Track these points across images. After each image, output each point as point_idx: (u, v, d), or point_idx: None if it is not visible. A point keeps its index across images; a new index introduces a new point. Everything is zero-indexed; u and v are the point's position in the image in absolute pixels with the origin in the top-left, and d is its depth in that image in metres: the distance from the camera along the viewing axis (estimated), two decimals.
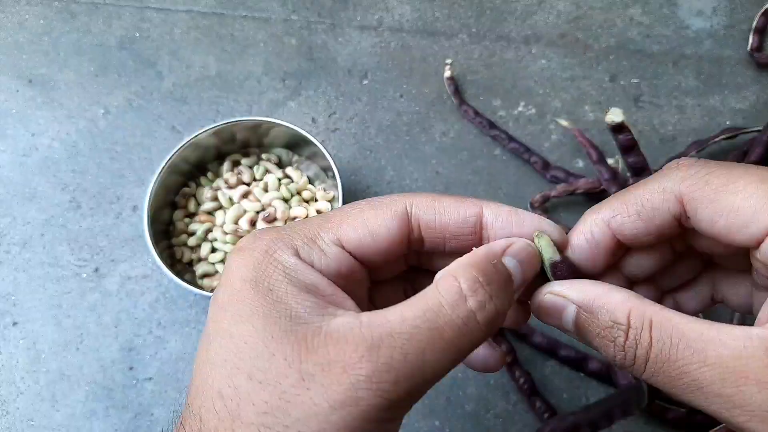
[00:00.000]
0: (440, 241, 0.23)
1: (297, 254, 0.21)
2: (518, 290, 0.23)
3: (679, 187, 0.22)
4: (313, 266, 0.21)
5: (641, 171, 0.44)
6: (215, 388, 0.19)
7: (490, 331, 0.20)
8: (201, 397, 0.20)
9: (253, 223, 0.47)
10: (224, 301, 0.21)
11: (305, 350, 0.19)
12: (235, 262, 0.22)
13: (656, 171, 0.48)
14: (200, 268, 0.46)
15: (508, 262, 0.22)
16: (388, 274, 0.25)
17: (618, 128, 0.41)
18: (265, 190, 0.48)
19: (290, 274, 0.21)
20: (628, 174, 0.45)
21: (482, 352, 0.25)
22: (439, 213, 0.23)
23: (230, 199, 0.48)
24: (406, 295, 0.23)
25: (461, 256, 0.22)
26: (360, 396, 0.18)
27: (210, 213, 0.48)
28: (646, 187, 0.23)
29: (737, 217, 0.21)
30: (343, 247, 0.22)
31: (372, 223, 0.22)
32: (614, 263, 0.25)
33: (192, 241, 0.47)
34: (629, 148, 0.42)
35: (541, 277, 0.24)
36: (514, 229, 0.23)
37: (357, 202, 0.23)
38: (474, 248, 0.22)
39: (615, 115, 0.40)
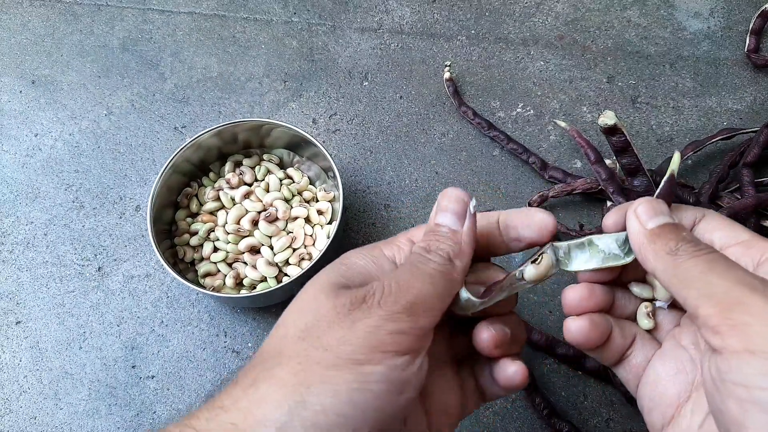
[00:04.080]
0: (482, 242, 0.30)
1: (382, 250, 0.29)
2: (452, 220, 0.29)
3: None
4: (394, 259, 0.29)
5: (635, 172, 0.44)
6: (277, 325, 0.27)
7: (443, 266, 0.27)
8: (268, 337, 0.27)
9: (254, 223, 0.47)
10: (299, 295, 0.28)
11: (343, 291, 0.26)
12: (311, 282, 0.28)
13: (651, 171, 0.48)
14: (202, 268, 0.47)
15: (439, 218, 0.29)
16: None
17: (611, 130, 0.42)
18: (267, 190, 0.49)
19: (368, 259, 0.28)
20: (623, 175, 0.45)
21: (509, 369, 0.30)
22: (481, 219, 0.30)
23: (232, 199, 0.48)
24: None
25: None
26: (372, 311, 0.25)
27: (212, 213, 0.48)
28: None
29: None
30: (413, 242, 0.29)
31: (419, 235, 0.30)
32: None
33: (194, 241, 0.47)
34: (622, 149, 0.43)
35: None
36: (522, 235, 0.30)
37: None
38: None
39: (608, 118, 0.41)
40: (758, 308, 0.21)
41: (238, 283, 0.46)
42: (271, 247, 0.47)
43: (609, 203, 0.46)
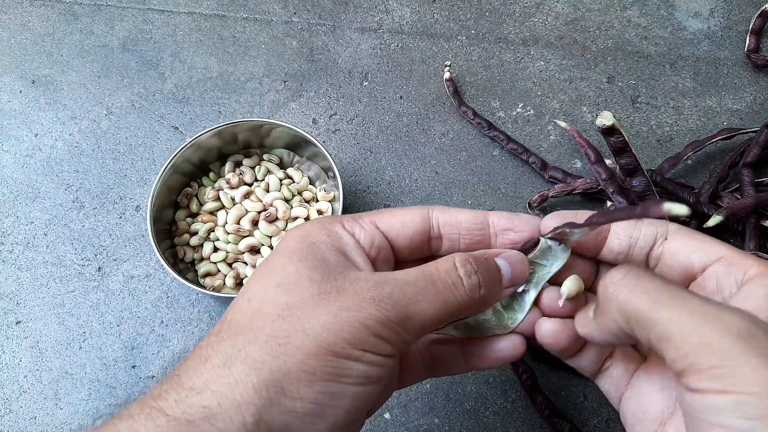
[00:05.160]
0: (456, 236, 0.29)
1: (342, 225, 0.28)
2: (508, 285, 0.28)
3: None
4: (353, 236, 0.28)
5: (634, 172, 0.44)
6: (246, 295, 0.25)
7: (473, 298, 0.26)
8: (234, 305, 0.25)
9: (254, 223, 0.47)
10: (276, 251, 0.27)
11: (326, 278, 0.25)
12: (293, 230, 0.28)
13: (651, 171, 0.48)
14: (202, 268, 0.47)
15: (499, 261, 0.28)
16: (411, 258, 0.30)
17: (609, 131, 0.42)
18: (267, 190, 0.49)
19: (332, 236, 0.27)
20: (622, 175, 0.45)
21: (506, 344, 0.30)
22: (454, 213, 0.29)
23: (232, 199, 0.48)
24: None
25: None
26: (364, 306, 0.24)
27: (212, 213, 0.48)
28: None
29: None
30: (377, 228, 0.28)
31: (401, 216, 0.29)
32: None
33: (194, 241, 0.47)
34: (621, 150, 0.43)
35: None
36: (513, 224, 0.29)
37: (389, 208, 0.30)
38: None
39: (605, 119, 0.41)
40: (722, 347, 0.20)
41: (238, 283, 0.46)
42: (272, 247, 0.47)
43: (609, 203, 0.46)
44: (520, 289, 0.29)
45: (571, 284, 0.28)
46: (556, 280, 0.29)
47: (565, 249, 0.28)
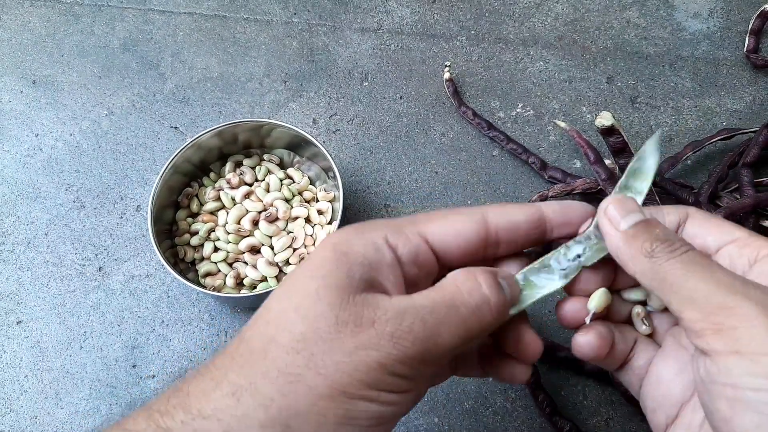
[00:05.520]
0: (514, 241, 0.28)
1: (386, 238, 0.25)
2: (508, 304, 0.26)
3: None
4: (395, 251, 0.25)
5: None
6: (265, 316, 0.24)
7: (498, 318, 0.25)
8: (253, 323, 0.24)
9: (255, 223, 0.47)
10: (309, 259, 0.25)
11: (346, 303, 0.23)
12: (332, 234, 0.26)
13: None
14: (203, 267, 0.47)
15: (501, 281, 0.26)
16: (460, 266, 0.28)
17: (608, 131, 0.42)
18: (267, 190, 0.49)
19: (369, 249, 0.25)
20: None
21: (513, 370, 0.29)
22: (510, 214, 0.27)
23: (232, 199, 0.48)
24: None
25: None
26: (382, 344, 0.22)
27: (212, 213, 0.48)
28: None
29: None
30: (426, 240, 0.26)
31: (455, 223, 0.27)
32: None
33: (195, 241, 0.47)
34: (620, 150, 0.43)
35: None
36: (569, 218, 0.28)
37: (439, 210, 0.28)
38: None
39: (604, 119, 0.41)
40: (742, 310, 0.22)
41: (239, 283, 0.47)
42: (272, 247, 0.47)
43: None
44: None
45: (599, 299, 0.28)
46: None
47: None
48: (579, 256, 0.28)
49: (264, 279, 0.46)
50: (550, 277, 0.28)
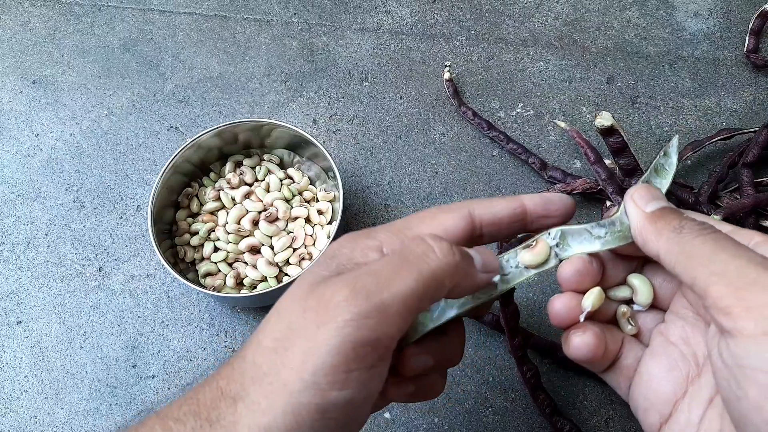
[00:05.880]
0: (497, 231, 0.28)
1: (380, 248, 0.26)
2: (482, 270, 0.27)
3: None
4: (382, 253, 0.26)
5: (632, 172, 0.44)
6: (259, 327, 0.25)
7: (448, 263, 0.25)
8: (261, 328, 0.25)
9: (255, 223, 0.47)
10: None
11: (312, 289, 0.24)
12: (335, 241, 0.27)
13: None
14: (203, 267, 0.47)
15: (471, 251, 0.27)
16: None
17: (608, 131, 0.42)
18: (267, 190, 0.49)
19: (357, 249, 0.25)
20: (621, 175, 0.46)
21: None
22: (493, 207, 0.28)
23: (232, 199, 0.48)
24: None
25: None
26: (339, 312, 0.22)
27: (212, 213, 0.48)
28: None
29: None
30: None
31: (446, 223, 0.27)
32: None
33: (194, 241, 0.47)
34: (619, 150, 0.43)
35: None
36: (548, 210, 0.28)
37: (428, 209, 0.28)
38: None
39: (604, 119, 0.41)
40: None
41: (239, 283, 0.47)
42: (272, 247, 0.47)
43: (608, 203, 0.47)
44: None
45: (594, 299, 0.28)
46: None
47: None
48: (600, 237, 0.28)
49: (264, 279, 0.46)
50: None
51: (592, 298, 0.28)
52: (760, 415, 0.20)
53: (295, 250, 0.47)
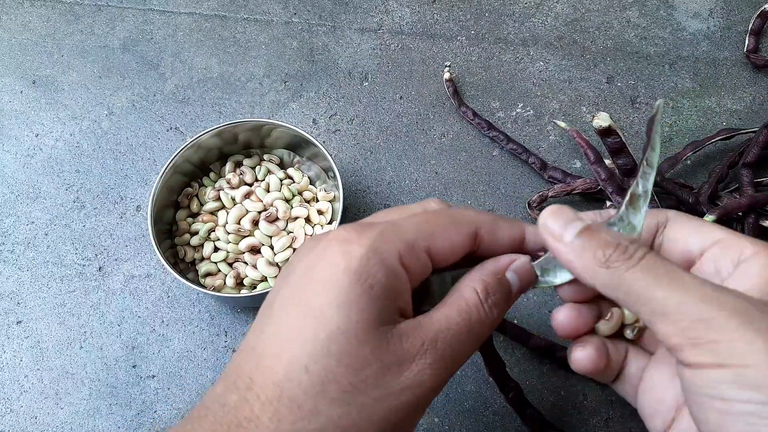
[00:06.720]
0: (490, 254, 0.28)
1: (401, 259, 0.25)
2: (516, 295, 0.28)
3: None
4: (409, 270, 0.25)
5: (631, 172, 0.44)
6: (302, 362, 0.22)
7: (498, 322, 0.27)
8: (281, 360, 0.22)
9: (255, 223, 0.47)
10: (320, 281, 0.23)
11: (386, 344, 0.23)
12: (340, 250, 0.24)
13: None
14: (203, 267, 0.47)
15: (509, 275, 0.27)
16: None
17: (606, 132, 0.42)
18: (267, 190, 0.49)
19: (390, 277, 0.24)
20: (620, 175, 0.46)
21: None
22: (500, 232, 0.28)
23: (232, 199, 0.48)
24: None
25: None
26: (423, 380, 0.23)
27: (212, 213, 0.48)
28: None
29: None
30: (430, 255, 0.26)
31: (454, 240, 0.27)
32: None
33: (195, 241, 0.47)
34: (618, 150, 0.43)
35: None
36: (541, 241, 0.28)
37: (438, 213, 0.28)
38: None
39: (602, 120, 0.41)
40: (720, 323, 0.21)
41: (239, 283, 0.47)
42: (272, 247, 0.47)
43: (608, 203, 0.47)
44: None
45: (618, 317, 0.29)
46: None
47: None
48: None
49: (264, 279, 0.46)
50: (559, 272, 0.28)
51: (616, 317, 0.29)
52: None
53: (295, 250, 0.47)
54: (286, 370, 0.22)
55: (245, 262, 0.47)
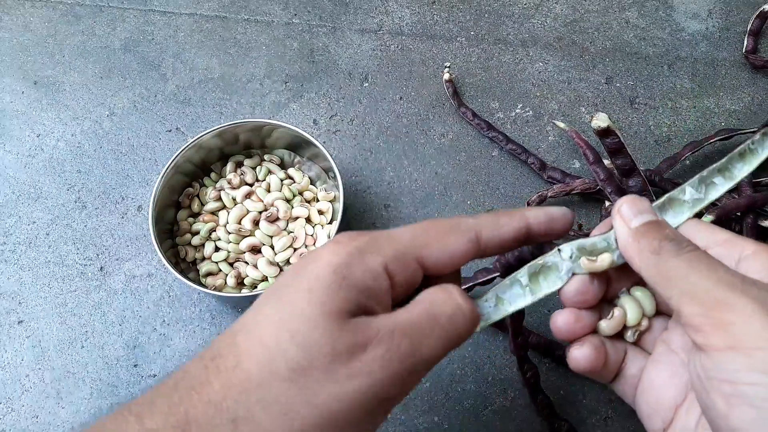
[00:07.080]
0: (500, 250, 0.29)
1: (385, 265, 0.25)
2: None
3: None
4: (393, 278, 0.25)
5: (630, 173, 0.45)
6: (263, 336, 0.23)
7: (472, 327, 0.26)
8: (249, 337, 0.24)
9: (255, 223, 0.48)
10: (305, 272, 0.25)
11: (340, 331, 0.23)
12: (330, 249, 0.25)
13: (649, 171, 0.48)
14: (204, 267, 0.47)
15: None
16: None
17: (604, 132, 0.42)
18: (268, 190, 0.49)
19: (367, 276, 0.25)
20: (619, 175, 0.46)
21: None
22: (501, 230, 0.28)
23: (233, 199, 0.48)
24: None
25: None
26: (373, 370, 0.23)
27: (213, 213, 0.49)
28: None
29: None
30: (422, 263, 0.26)
31: (452, 248, 0.27)
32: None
33: (196, 241, 0.48)
34: (616, 151, 0.43)
35: None
36: (551, 228, 0.29)
37: (438, 222, 0.28)
38: None
39: (600, 120, 0.42)
40: (739, 306, 0.22)
41: (240, 283, 0.47)
42: (272, 247, 0.47)
43: (607, 203, 0.47)
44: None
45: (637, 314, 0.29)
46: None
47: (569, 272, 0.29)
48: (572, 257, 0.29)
49: (265, 279, 0.46)
50: (521, 293, 0.29)
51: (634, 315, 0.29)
52: (726, 422, 0.22)
53: (295, 249, 0.47)
54: (248, 345, 0.23)
55: (246, 262, 0.47)
